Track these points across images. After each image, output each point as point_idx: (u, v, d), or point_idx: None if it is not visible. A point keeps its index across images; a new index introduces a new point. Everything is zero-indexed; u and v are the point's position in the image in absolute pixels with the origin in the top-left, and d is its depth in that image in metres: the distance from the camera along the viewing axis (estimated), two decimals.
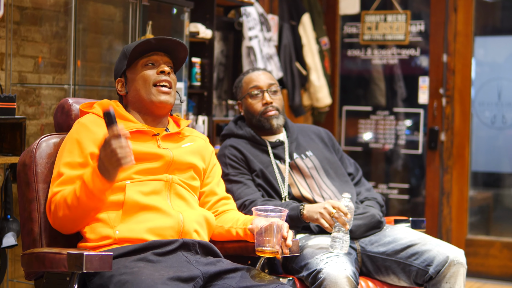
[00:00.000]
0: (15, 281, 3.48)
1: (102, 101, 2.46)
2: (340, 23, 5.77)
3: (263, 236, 2.23)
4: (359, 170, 3.17)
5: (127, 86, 2.45)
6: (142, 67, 2.43)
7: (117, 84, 2.49)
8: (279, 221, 2.25)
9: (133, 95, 2.44)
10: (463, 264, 2.72)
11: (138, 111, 2.45)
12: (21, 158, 2.34)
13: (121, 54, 2.48)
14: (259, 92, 2.99)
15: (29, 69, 3.53)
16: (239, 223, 2.43)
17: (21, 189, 2.31)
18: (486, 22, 5.64)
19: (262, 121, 2.98)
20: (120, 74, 2.48)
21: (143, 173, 2.31)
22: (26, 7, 3.48)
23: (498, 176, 5.60)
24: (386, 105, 5.61)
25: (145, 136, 2.39)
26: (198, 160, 2.47)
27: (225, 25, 4.76)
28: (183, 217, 2.29)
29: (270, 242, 2.23)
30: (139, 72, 2.43)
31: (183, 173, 2.40)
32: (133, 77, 2.44)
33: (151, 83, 2.41)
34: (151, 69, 2.43)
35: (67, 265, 2.01)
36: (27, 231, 2.27)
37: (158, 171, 2.34)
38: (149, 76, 2.42)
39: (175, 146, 2.43)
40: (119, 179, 2.22)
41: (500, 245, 5.24)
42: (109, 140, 2.04)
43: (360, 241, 2.85)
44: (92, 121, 2.35)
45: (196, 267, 2.18)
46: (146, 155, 2.32)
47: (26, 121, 3.28)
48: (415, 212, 5.53)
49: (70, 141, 2.30)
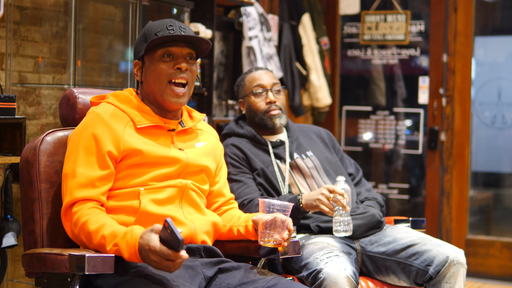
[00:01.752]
0: (15, 281, 3.48)
1: (117, 93, 2.35)
2: (340, 23, 5.77)
3: (267, 228, 2.23)
4: (359, 170, 3.17)
5: (143, 73, 2.33)
6: (160, 58, 2.29)
7: (134, 66, 2.36)
8: (283, 216, 2.24)
9: (148, 86, 2.32)
10: (463, 264, 2.72)
11: (152, 103, 2.33)
12: (24, 154, 2.27)
13: (142, 34, 2.34)
14: (263, 90, 2.99)
15: (29, 69, 3.53)
16: (240, 221, 2.41)
17: (24, 187, 2.26)
18: (486, 22, 5.64)
19: (265, 119, 2.98)
20: (138, 57, 2.34)
21: (158, 179, 2.24)
22: (26, 7, 3.48)
23: (498, 176, 5.60)
24: (386, 105, 5.61)
25: (160, 131, 2.30)
26: (211, 162, 2.41)
27: (225, 25, 4.76)
28: (195, 226, 2.26)
29: (273, 235, 2.23)
30: (156, 62, 2.29)
31: (195, 176, 2.34)
32: (149, 66, 2.31)
33: (166, 79, 2.28)
34: (168, 62, 2.29)
35: (69, 266, 1.98)
36: (29, 231, 2.25)
37: (173, 175, 2.27)
38: (164, 71, 2.28)
39: (189, 145, 2.36)
40: (133, 184, 2.19)
41: (500, 245, 5.24)
42: (167, 258, 1.91)
43: (360, 241, 2.86)
44: (110, 113, 2.24)
45: (200, 269, 2.18)
46: (162, 160, 2.25)
47: (26, 121, 3.28)
48: (415, 212, 5.53)
49: (86, 135, 2.20)
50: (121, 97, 2.32)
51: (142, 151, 2.21)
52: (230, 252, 2.45)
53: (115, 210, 2.19)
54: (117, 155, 2.19)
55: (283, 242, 2.24)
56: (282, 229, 2.23)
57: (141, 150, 2.21)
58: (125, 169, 2.21)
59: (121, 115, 2.25)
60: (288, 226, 2.24)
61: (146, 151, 2.22)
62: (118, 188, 2.21)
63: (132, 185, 2.19)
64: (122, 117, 2.25)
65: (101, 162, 2.17)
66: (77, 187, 2.14)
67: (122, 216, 2.18)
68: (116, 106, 2.27)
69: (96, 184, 2.15)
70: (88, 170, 2.16)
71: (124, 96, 2.32)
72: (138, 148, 2.21)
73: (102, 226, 2.06)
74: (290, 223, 2.25)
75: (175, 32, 2.28)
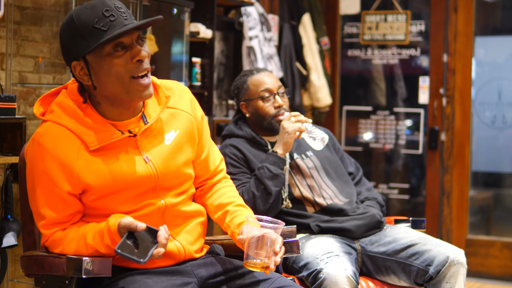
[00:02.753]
0: (15, 281, 3.48)
1: (62, 102, 2.00)
2: (341, 23, 5.77)
3: (253, 248, 2.00)
4: (360, 169, 3.17)
5: (91, 75, 1.96)
6: (111, 54, 1.93)
7: (74, 68, 1.97)
8: (273, 233, 2.02)
9: (105, 89, 1.96)
10: (464, 264, 2.72)
11: (110, 104, 2.00)
12: (23, 154, 2.20)
13: (72, 29, 1.93)
14: (270, 95, 3.00)
15: (30, 69, 3.53)
16: (234, 223, 2.17)
17: (23, 186, 2.22)
18: (486, 22, 5.64)
19: (274, 124, 2.98)
20: (78, 57, 1.95)
21: (130, 203, 2.01)
22: (26, 7, 3.48)
23: (498, 176, 5.60)
24: (386, 105, 5.61)
25: (119, 142, 2.00)
26: (189, 152, 2.12)
27: (226, 25, 4.76)
28: (182, 246, 2.10)
29: (260, 256, 2.00)
30: (108, 60, 1.93)
31: (175, 189, 2.09)
32: (98, 65, 1.94)
33: (127, 76, 1.94)
34: (122, 56, 1.93)
35: (66, 269, 1.96)
36: (28, 231, 2.23)
37: (147, 193, 2.03)
38: (122, 67, 1.93)
39: (157, 143, 2.05)
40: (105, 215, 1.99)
41: (500, 245, 5.24)
42: None
43: (360, 241, 2.86)
44: (57, 141, 1.96)
45: (192, 271, 2.09)
46: (127, 184, 1.99)
47: (26, 121, 3.28)
48: (415, 212, 5.53)
49: (39, 174, 1.97)
50: (67, 110, 1.99)
51: (99, 185, 1.97)
52: (228, 251, 2.40)
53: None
54: (75, 192, 1.99)
55: (271, 266, 2.01)
56: (270, 247, 2.00)
57: (98, 184, 1.97)
58: (91, 203, 2.01)
59: (69, 138, 1.97)
60: (275, 247, 2.01)
61: (103, 183, 1.97)
62: (91, 216, 2.05)
63: (104, 215, 1.99)
64: (71, 140, 1.97)
65: (64, 203, 1.98)
66: (46, 227, 2.02)
67: None
68: (63, 126, 1.97)
69: (65, 220, 2.02)
70: (54, 211, 1.99)
71: (70, 108, 1.99)
72: (93, 184, 1.97)
73: (82, 238, 1.97)
74: (278, 244, 2.03)
75: (118, 19, 1.92)
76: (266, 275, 2.12)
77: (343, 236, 2.82)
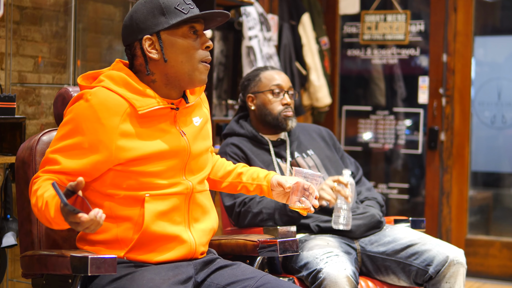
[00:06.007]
0: (15, 281, 3.48)
1: (112, 74, 2.10)
2: (340, 23, 5.77)
3: (299, 193, 2.26)
4: (360, 169, 3.17)
5: (163, 51, 2.08)
6: (186, 35, 2.09)
7: (145, 42, 2.08)
8: (312, 185, 2.26)
9: (172, 66, 2.09)
10: (463, 264, 2.72)
11: (167, 83, 2.12)
12: (20, 154, 2.20)
13: (154, 5, 2.08)
14: (280, 91, 3.01)
15: (29, 69, 3.53)
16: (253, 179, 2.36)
17: (20, 187, 2.21)
18: (486, 22, 5.64)
19: (280, 120, 2.99)
20: (152, 32, 2.08)
21: (162, 176, 2.07)
22: (26, 6, 3.48)
23: (498, 176, 5.60)
24: (386, 105, 5.62)
25: (162, 111, 2.10)
26: (208, 141, 2.26)
27: (225, 25, 4.76)
28: (195, 243, 2.13)
29: (303, 202, 2.25)
30: (182, 39, 2.09)
31: (198, 174, 2.18)
32: (170, 43, 2.09)
33: (197, 59, 2.10)
34: (195, 40, 2.10)
35: (71, 268, 1.93)
36: (25, 231, 2.20)
37: (178, 172, 2.11)
38: (195, 50, 2.10)
39: (188, 123, 2.17)
40: (136, 188, 2.04)
41: (499, 245, 5.24)
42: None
43: (360, 241, 2.86)
44: (105, 103, 2.01)
45: (192, 267, 2.12)
46: (164, 154, 2.07)
47: (26, 121, 3.28)
48: (415, 212, 5.53)
49: (75, 130, 2.02)
50: (117, 80, 2.08)
51: (138, 148, 2.04)
52: (226, 251, 2.43)
53: (114, 218, 2.06)
54: (107, 162, 2.03)
55: (311, 208, 2.24)
56: (311, 194, 2.24)
57: (137, 147, 2.04)
58: (128, 167, 2.04)
59: (117, 103, 2.03)
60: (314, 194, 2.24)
61: (143, 146, 2.04)
62: (116, 188, 2.06)
63: (134, 188, 2.04)
64: (119, 104, 2.03)
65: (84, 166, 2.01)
66: (47, 172, 2.01)
67: (122, 225, 2.05)
68: (113, 91, 2.05)
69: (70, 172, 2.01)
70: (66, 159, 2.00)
71: (120, 78, 2.08)
72: (133, 146, 2.03)
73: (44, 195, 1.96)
74: (316, 190, 2.27)
75: (195, 8, 2.12)
76: (250, 274, 2.13)
77: (342, 236, 2.82)
